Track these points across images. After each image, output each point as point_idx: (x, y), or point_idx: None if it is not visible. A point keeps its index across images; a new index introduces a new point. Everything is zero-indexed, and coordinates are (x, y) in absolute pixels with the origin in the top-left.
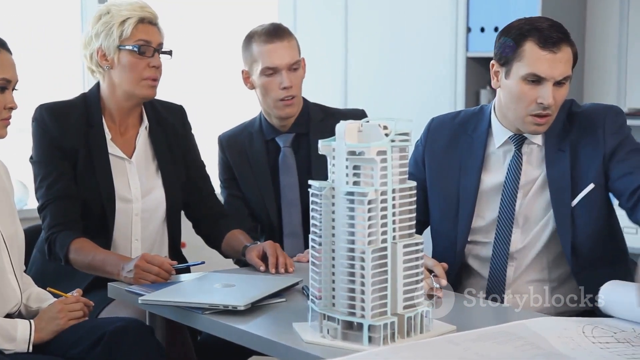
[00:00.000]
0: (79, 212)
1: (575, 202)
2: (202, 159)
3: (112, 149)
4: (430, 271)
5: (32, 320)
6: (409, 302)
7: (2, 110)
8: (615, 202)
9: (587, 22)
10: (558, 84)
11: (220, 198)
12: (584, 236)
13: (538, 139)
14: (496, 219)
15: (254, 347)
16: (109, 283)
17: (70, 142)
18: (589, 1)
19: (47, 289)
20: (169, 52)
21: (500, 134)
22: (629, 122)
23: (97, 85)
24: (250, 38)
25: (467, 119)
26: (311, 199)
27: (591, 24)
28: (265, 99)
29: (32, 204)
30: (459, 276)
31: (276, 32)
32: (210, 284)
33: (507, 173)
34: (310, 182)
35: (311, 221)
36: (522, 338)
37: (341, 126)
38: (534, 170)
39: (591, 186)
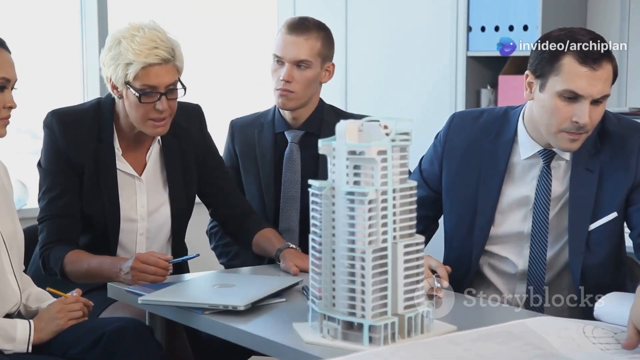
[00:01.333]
0: (77, 230)
1: (593, 226)
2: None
3: (122, 165)
4: (434, 272)
5: (31, 321)
6: (409, 302)
7: (1, 110)
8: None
9: (588, 21)
10: (595, 102)
11: None
12: (596, 263)
13: (567, 155)
14: (517, 233)
15: (254, 347)
16: (108, 283)
17: (78, 156)
18: (590, 1)
19: (47, 289)
20: (184, 88)
21: (528, 146)
22: None
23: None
24: (282, 25)
25: (490, 122)
26: (311, 198)
27: (592, 23)
28: (272, 84)
29: (32, 203)
30: (473, 286)
31: (297, 27)
32: (210, 284)
33: (537, 188)
34: (310, 181)
35: (311, 221)
36: (522, 338)
37: (341, 125)
38: (559, 186)
39: (614, 214)
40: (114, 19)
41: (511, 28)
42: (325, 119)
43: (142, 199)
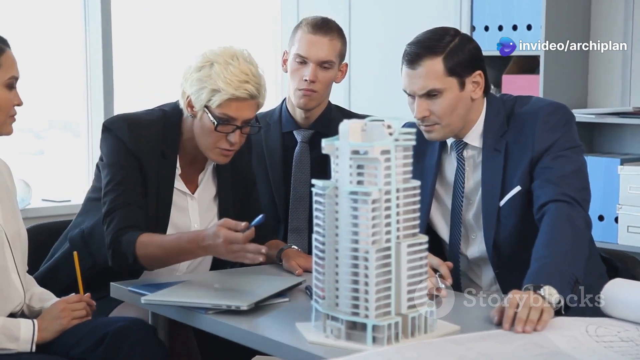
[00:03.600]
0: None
1: (502, 202)
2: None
3: (178, 183)
4: (436, 270)
5: (35, 320)
6: (413, 302)
7: (11, 108)
8: None
9: (592, 20)
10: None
11: None
12: (507, 235)
13: (476, 142)
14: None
15: (257, 347)
16: (111, 283)
17: (145, 165)
18: (593, 0)
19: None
20: (259, 127)
21: (449, 140)
22: (634, 121)
23: (179, 107)
24: (300, 23)
25: None
26: (314, 198)
27: (595, 23)
28: (290, 84)
29: (35, 203)
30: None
31: (321, 27)
32: (214, 284)
33: (454, 180)
34: (313, 181)
35: (314, 221)
36: (525, 337)
37: (345, 125)
38: (478, 174)
39: (517, 189)
40: (117, 18)
41: (515, 27)
42: (334, 118)
43: (195, 217)
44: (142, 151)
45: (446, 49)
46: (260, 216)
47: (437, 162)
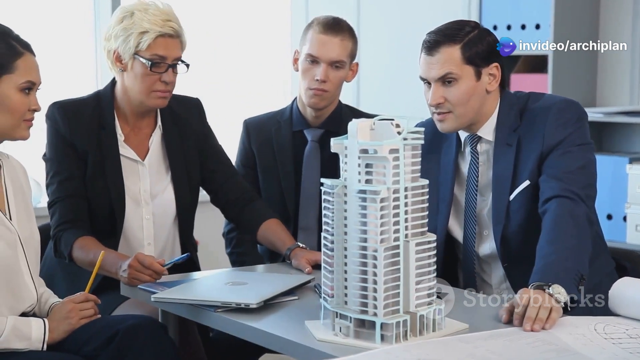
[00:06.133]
0: (87, 212)
1: (512, 196)
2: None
3: (125, 150)
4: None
5: (45, 319)
6: (421, 301)
7: (26, 112)
8: None
9: (600, 19)
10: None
11: None
12: (515, 230)
13: (490, 136)
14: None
15: (266, 345)
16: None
17: (81, 143)
18: None
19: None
20: (186, 65)
21: (462, 135)
22: None
23: (112, 84)
24: (311, 22)
25: None
26: (323, 197)
27: (604, 21)
28: (301, 83)
29: (45, 201)
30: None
31: (332, 26)
32: (223, 282)
33: (468, 175)
34: (322, 180)
35: (323, 219)
36: (533, 335)
37: (353, 124)
38: (491, 169)
39: (526, 183)
40: None
41: (523, 27)
42: (344, 118)
43: (146, 183)
44: (76, 128)
45: (465, 38)
46: (185, 255)
47: (454, 162)
